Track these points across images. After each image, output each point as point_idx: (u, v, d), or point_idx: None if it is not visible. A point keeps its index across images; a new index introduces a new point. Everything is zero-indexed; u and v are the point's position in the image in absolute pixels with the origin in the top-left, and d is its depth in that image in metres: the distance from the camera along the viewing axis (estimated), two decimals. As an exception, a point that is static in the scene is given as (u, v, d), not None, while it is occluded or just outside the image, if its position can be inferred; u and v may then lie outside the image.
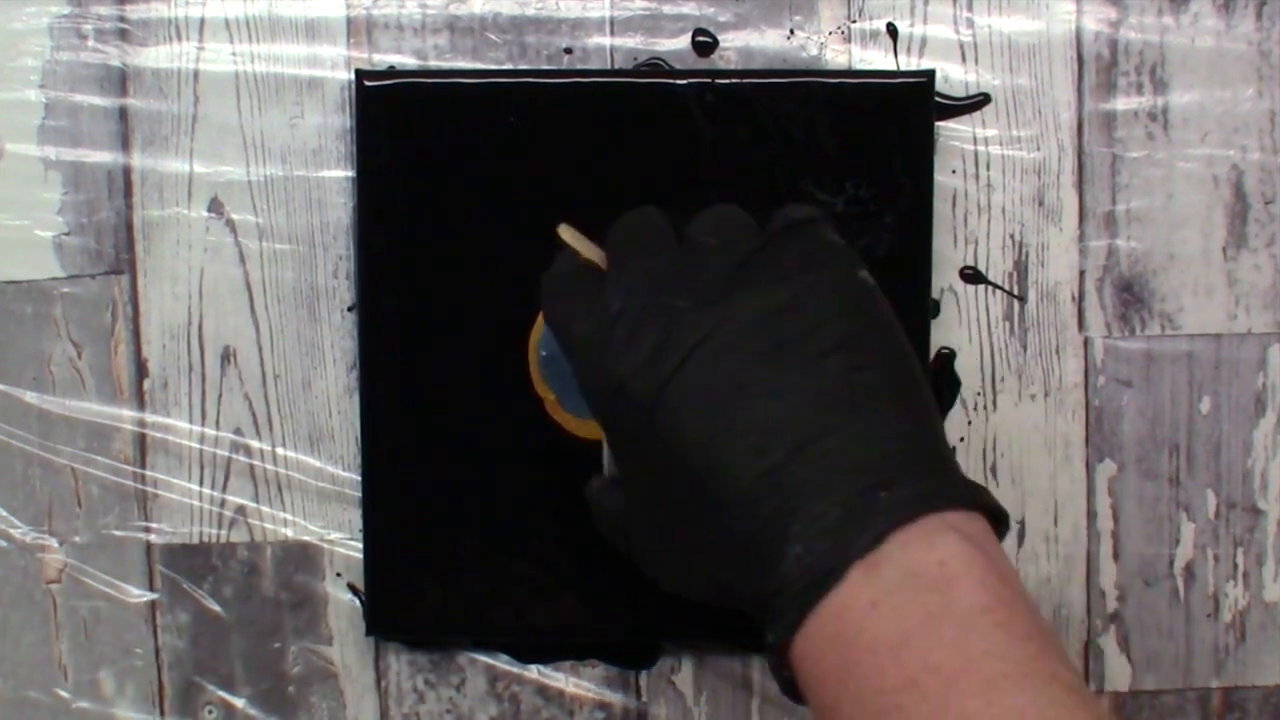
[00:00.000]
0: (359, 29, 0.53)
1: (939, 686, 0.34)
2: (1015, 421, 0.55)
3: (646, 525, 0.42)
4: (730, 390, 0.38)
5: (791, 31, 0.54)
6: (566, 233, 0.44)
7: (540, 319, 0.51)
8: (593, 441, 0.48)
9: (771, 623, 0.37)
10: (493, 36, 0.53)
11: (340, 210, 0.54)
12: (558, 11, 0.53)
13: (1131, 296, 0.55)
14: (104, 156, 0.53)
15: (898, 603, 0.35)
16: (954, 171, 0.54)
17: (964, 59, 0.54)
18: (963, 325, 0.54)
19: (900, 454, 0.37)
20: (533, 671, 0.55)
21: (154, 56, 0.53)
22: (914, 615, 0.35)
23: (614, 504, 0.44)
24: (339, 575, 0.55)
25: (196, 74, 0.53)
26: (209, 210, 0.53)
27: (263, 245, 0.54)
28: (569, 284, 0.42)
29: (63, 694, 0.55)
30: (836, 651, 0.35)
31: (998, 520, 0.38)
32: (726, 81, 0.51)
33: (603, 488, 0.45)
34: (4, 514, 0.54)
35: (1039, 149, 0.54)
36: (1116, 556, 0.56)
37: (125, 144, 0.53)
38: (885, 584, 0.35)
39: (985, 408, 0.55)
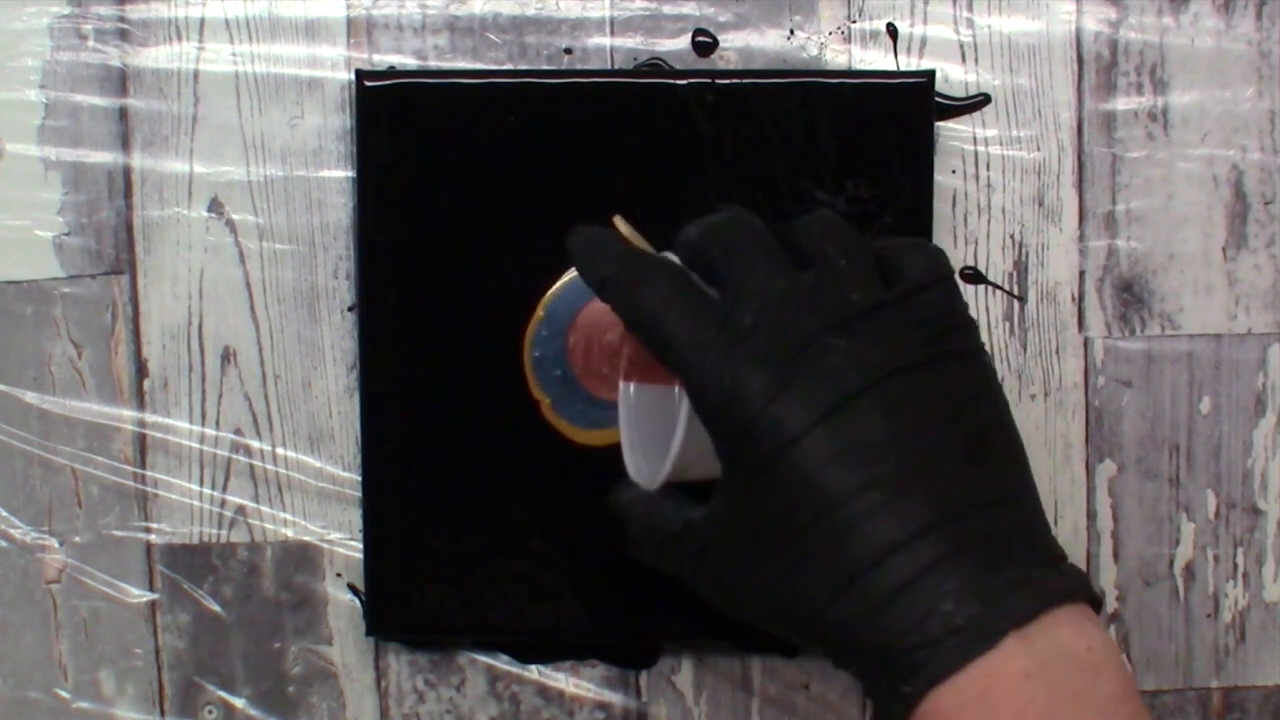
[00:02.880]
0: (359, 29, 0.53)
1: None
2: (1015, 421, 0.55)
3: (734, 552, 0.40)
4: (879, 448, 0.38)
5: (791, 31, 0.54)
6: (621, 224, 0.44)
7: (535, 320, 0.51)
8: (592, 447, 0.48)
9: (905, 673, 0.37)
10: (493, 36, 0.53)
11: (340, 210, 0.54)
12: (558, 11, 0.53)
13: (1131, 296, 0.55)
14: (104, 156, 0.53)
15: (1050, 677, 0.36)
16: (954, 171, 0.54)
17: (964, 59, 0.54)
18: (963, 325, 0.54)
19: (1046, 537, 0.40)
20: (533, 671, 0.55)
21: (154, 56, 0.53)
22: (1063, 691, 0.36)
23: (665, 522, 0.43)
24: (339, 575, 0.55)
25: (196, 74, 0.53)
26: (209, 210, 0.53)
27: (263, 245, 0.54)
28: (654, 272, 0.41)
29: (63, 694, 0.55)
30: (980, 712, 0.37)
31: (1097, 609, 0.41)
32: (726, 81, 0.51)
33: (645, 501, 0.44)
34: (4, 514, 0.54)
35: (1039, 149, 0.54)
36: (1116, 556, 0.56)
37: (125, 144, 0.53)
38: (1039, 657, 0.37)
39: (985, 408, 0.55)
